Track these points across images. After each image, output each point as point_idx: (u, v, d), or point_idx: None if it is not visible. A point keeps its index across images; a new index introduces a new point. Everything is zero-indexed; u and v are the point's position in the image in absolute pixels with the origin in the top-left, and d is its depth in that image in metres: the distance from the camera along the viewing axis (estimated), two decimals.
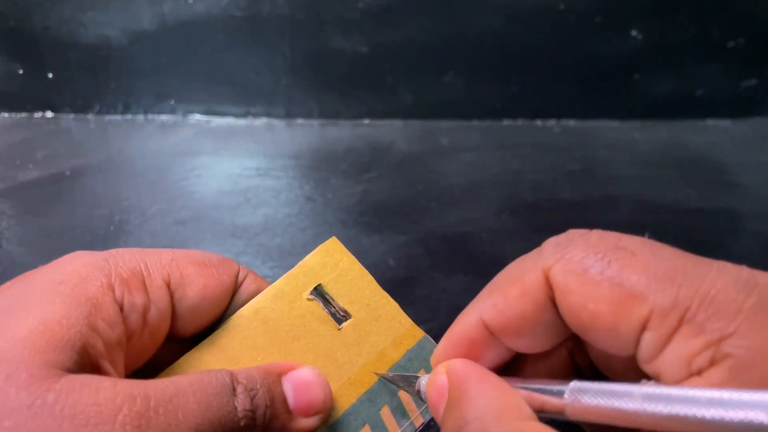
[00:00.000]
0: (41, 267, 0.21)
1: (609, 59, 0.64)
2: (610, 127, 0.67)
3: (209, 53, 0.64)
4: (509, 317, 0.19)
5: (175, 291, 0.22)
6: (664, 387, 0.15)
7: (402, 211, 0.53)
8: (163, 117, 0.67)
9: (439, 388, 0.20)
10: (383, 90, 0.66)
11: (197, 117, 0.67)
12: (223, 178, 0.58)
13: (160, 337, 0.23)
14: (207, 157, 0.61)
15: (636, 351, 0.17)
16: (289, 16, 0.62)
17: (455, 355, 0.21)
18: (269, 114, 0.67)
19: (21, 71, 0.64)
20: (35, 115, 0.67)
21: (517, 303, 0.19)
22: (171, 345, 0.24)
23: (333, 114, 0.67)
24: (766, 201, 0.56)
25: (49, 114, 0.67)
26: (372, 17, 0.62)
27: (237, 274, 0.25)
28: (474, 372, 0.20)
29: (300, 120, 0.67)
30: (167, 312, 0.22)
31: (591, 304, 0.17)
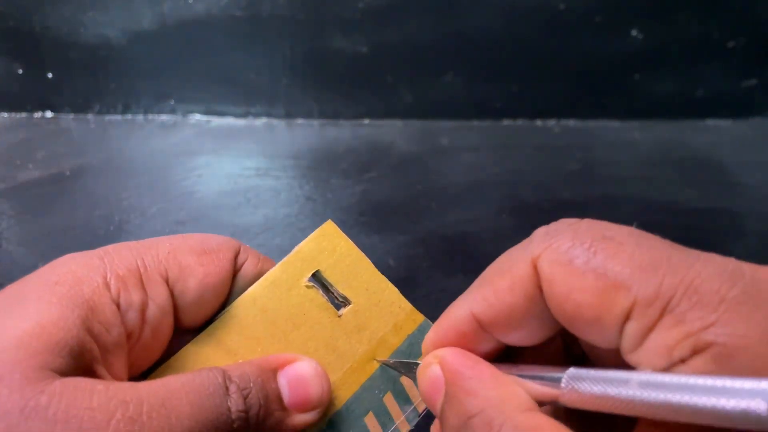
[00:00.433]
0: (38, 269, 0.21)
1: (609, 59, 0.64)
2: (610, 127, 0.66)
3: (209, 53, 0.64)
4: (499, 310, 0.19)
5: (175, 285, 0.22)
6: (659, 374, 0.15)
7: (402, 211, 0.53)
8: (163, 117, 0.67)
9: (433, 379, 0.20)
10: (383, 90, 0.66)
11: (197, 117, 0.67)
12: (223, 178, 0.58)
13: (164, 334, 0.22)
14: (207, 157, 0.61)
15: (619, 341, 0.17)
16: (289, 16, 0.62)
17: (446, 345, 0.21)
18: (269, 114, 0.67)
19: (21, 71, 0.64)
20: (35, 115, 0.67)
21: (507, 295, 0.19)
22: (182, 337, 0.23)
23: (333, 114, 0.67)
24: (766, 201, 0.56)
25: (49, 114, 0.67)
26: (372, 17, 0.62)
27: (237, 255, 0.24)
28: (467, 362, 0.19)
29: (300, 120, 0.67)
30: (168, 307, 0.22)
31: (576, 294, 0.17)
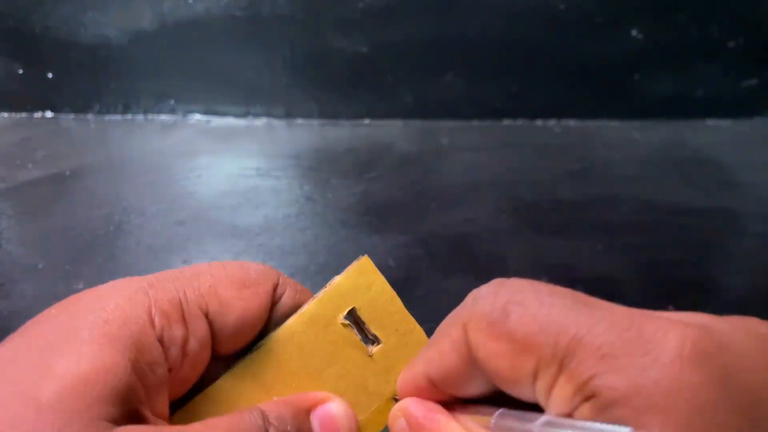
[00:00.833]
0: (84, 295, 0.21)
1: (609, 59, 0.64)
2: (610, 127, 0.66)
3: (209, 53, 0.64)
4: (444, 370, 0.21)
5: (214, 320, 0.22)
6: (555, 417, 0.18)
7: (402, 211, 0.53)
8: (163, 117, 0.67)
9: (400, 430, 0.23)
10: (383, 90, 0.66)
11: (197, 117, 0.67)
12: (223, 178, 0.58)
13: (202, 365, 0.23)
14: (207, 157, 0.61)
15: (535, 396, 0.19)
16: (289, 16, 0.62)
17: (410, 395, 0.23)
18: (269, 114, 0.67)
19: (21, 71, 0.64)
20: (35, 115, 0.67)
21: (447, 357, 0.21)
22: (215, 363, 0.23)
23: (333, 114, 0.67)
24: (766, 201, 0.56)
25: (49, 114, 0.67)
26: (372, 17, 0.62)
27: (276, 288, 0.24)
28: (426, 412, 0.22)
29: (300, 120, 0.67)
30: (207, 342, 0.22)
31: (494, 360, 0.19)
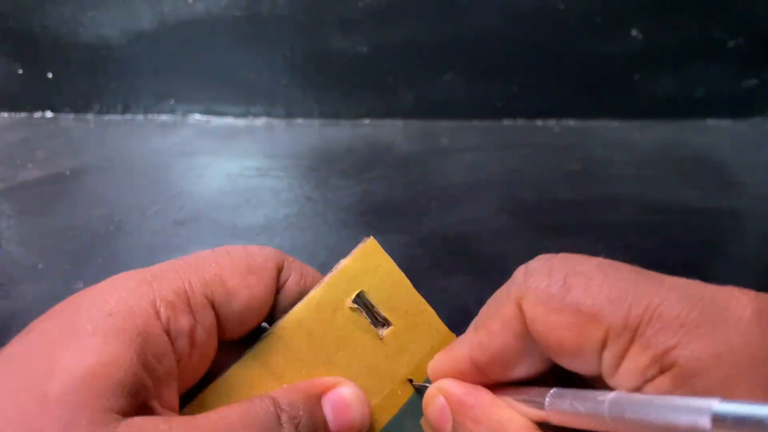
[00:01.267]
0: (87, 291, 0.21)
1: (609, 59, 0.64)
2: (610, 127, 0.66)
3: (209, 53, 0.64)
4: (493, 351, 0.21)
5: (221, 308, 0.22)
6: (626, 394, 0.17)
7: (402, 211, 0.53)
8: (163, 117, 0.67)
9: (440, 409, 0.22)
10: (383, 90, 0.66)
11: (197, 117, 0.67)
12: (223, 178, 0.58)
13: (210, 354, 0.22)
14: (207, 157, 0.61)
15: (600, 369, 0.18)
16: (289, 16, 0.62)
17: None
18: (269, 114, 0.67)
19: (21, 71, 0.64)
20: (35, 115, 0.67)
21: (499, 336, 0.20)
22: (220, 348, 0.23)
23: (333, 114, 0.67)
24: (766, 201, 0.56)
25: (49, 114, 0.67)
26: (372, 17, 0.62)
27: (281, 272, 0.24)
28: (468, 389, 0.21)
29: (300, 120, 0.67)
30: (213, 329, 0.22)
31: (556, 331, 0.18)
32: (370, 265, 0.25)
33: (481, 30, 0.63)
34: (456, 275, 0.46)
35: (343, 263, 0.25)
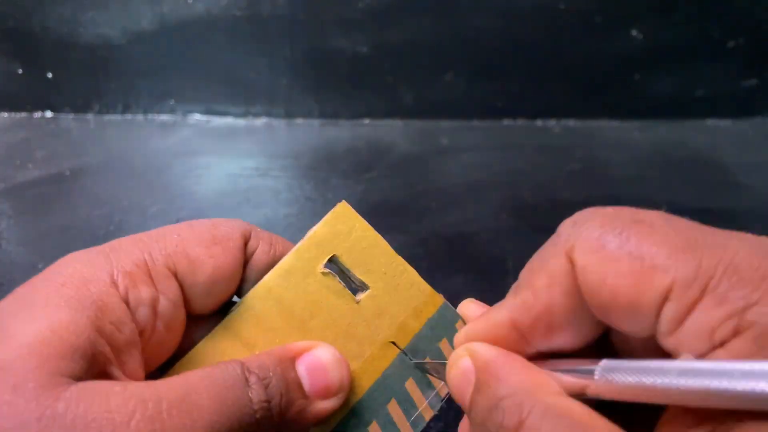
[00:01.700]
0: (43, 270, 0.20)
1: (609, 59, 0.64)
2: (610, 127, 0.66)
3: (209, 53, 0.64)
4: (539, 311, 0.19)
5: (184, 279, 0.22)
6: (699, 362, 0.15)
7: (402, 211, 0.53)
8: (163, 117, 0.67)
9: (464, 370, 0.19)
10: (383, 90, 0.66)
11: (197, 117, 0.67)
12: (223, 178, 0.58)
13: (178, 327, 0.22)
14: (207, 157, 0.61)
15: (656, 327, 0.16)
16: (289, 16, 0.62)
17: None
18: (269, 114, 0.67)
19: (21, 71, 0.64)
20: (35, 115, 0.67)
21: (545, 293, 0.18)
22: (193, 324, 0.23)
23: (333, 114, 0.67)
24: (766, 201, 0.56)
25: (49, 114, 0.67)
26: (372, 17, 0.62)
27: (247, 242, 0.23)
28: (498, 352, 0.19)
29: (300, 120, 0.67)
30: (179, 300, 0.22)
31: (611, 279, 0.17)
32: (342, 229, 0.24)
33: (481, 30, 0.63)
34: (456, 275, 0.46)
35: (314, 229, 0.24)
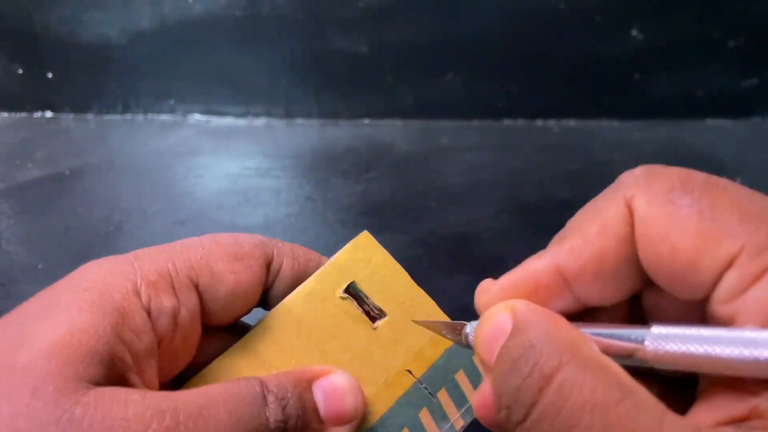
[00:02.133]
0: (69, 275, 0.21)
1: (609, 59, 0.64)
2: (610, 127, 0.66)
3: (209, 53, 0.64)
4: (588, 257, 0.18)
5: (205, 291, 0.22)
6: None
7: (402, 211, 0.53)
8: (163, 117, 0.67)
9: (498, 325, 0.17)
10: (383, 90, 0.66)
11: (197, 117, 0.67)
12: (223, 178, 0.58)
13: (194, 338, 0.22)
14: (207, 157, 0.61)
15: (711, 292, 0.16)
16: (289, 16, 0.62)
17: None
18: (269, 114, 0.67)
19: (21, 71, 0.64)
20: (35, 115, 0.67)
21: (597, 239, 0.18)
22: (208, 336, 0.23)
23: (333, 114, 0.67)
24: None
25: (49, 114, 0.67)
26: (372, 17, 0.62)
27: (270, 261, 0.24)
28: (541, 309, 0.17)
29: (300, 120, 0.67)
30: (197, 313, 0.22)
31: (675, 235, 0.16)
32: (362, 257, 0.25)
33: (481, 30, 0.63)
34: (456, 275, 0.46)
35: (336, 255, 0.25)
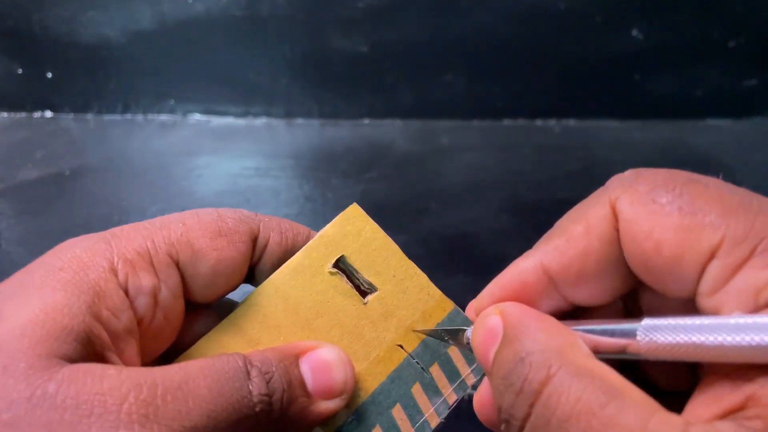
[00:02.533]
0: (42, 255, 0.20)
1: (609, 59, 0.64)
2: (610, 127, 0.66)
3: (209, 53, 0.64)
4: (572, 257, 0.18)
5: (186, 269, 0.21)
6: (754, 316, 0.14)
7: (402, 211, 0.53)
8: (163, 117, 0.67)
9: (491, 328, 0.18)
10: (383, 90, 0.66)
11: (197, 117, 0.67)
12: (223, 178, 0.58)
13: (177, 317, 0.22)
14: (207, 157, 0.61)
15: (696, 286, 0.16)
16: (289, 16, 0.62)
17: (506, 300, 0.20)
18: (269, 114, 0.67)
19: (21, 71, 0.64)
20: (35, 115, 0.67)
21: (582, 239, 0.18)
22: (192, 312, 0.23)
23: (333, 114, 0.67)
24: None
25: (49, 114, 0.67)
26: (372, 17, 0.62)
27: (256, 236, 0.23)
28: (529, 311, 0.18)
29: (300, 120, 0.67)
30: (179, 291, 0.21)
31: (657, 232, 0.16)
32: (352, 230, 0.24)
33: (481, 30, 0.63)
34: (456, 275, 0.46)
35: (324, 229, 0.24)
